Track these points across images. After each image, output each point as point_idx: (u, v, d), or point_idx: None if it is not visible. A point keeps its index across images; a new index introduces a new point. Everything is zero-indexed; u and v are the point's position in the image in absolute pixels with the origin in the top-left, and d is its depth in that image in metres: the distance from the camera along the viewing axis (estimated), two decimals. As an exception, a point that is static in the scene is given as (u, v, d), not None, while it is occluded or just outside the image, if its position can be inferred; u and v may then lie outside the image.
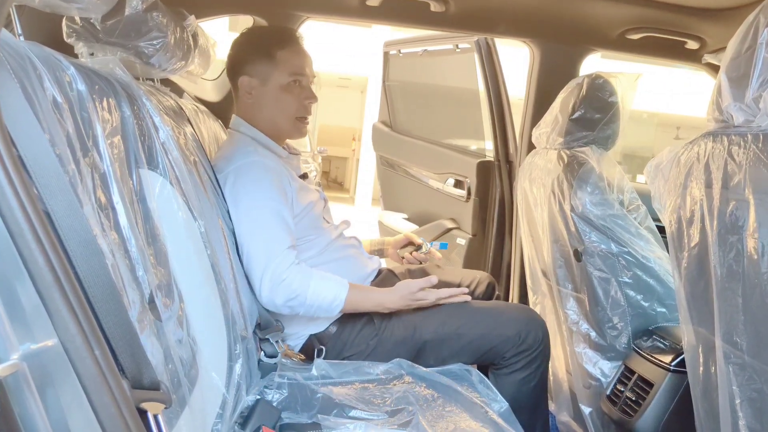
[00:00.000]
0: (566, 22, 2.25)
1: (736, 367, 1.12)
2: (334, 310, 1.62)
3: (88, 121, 0.92)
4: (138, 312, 0.91)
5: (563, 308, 2.06)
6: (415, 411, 1.39)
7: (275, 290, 1.56)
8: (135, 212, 1.00)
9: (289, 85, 1.72)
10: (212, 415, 1.16)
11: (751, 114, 1.08)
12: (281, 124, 1.76)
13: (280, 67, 1.71)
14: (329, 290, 1.59)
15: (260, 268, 1.56)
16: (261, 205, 1.60)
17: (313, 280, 1.58)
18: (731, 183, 1.11)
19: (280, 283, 1.55)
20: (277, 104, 1.73)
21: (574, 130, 2.00)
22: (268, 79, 1.72)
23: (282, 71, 1.71)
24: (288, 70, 1.71)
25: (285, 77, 1.72)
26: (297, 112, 1.75)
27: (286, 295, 1.56)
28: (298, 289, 1.56)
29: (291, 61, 1.72)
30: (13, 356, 0.60)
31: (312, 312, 1.60)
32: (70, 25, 1.20)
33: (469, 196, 2.92)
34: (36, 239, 0.61)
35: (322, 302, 1.59)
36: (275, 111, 1.74)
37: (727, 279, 1.13)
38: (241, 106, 1.79)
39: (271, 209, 1.60)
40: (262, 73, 1.73)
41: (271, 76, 1.72)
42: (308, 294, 1.57)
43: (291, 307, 1.58)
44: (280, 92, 1.72)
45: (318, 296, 1.58)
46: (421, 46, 3.31)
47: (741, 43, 1.12)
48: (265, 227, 1.59)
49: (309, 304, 1.58)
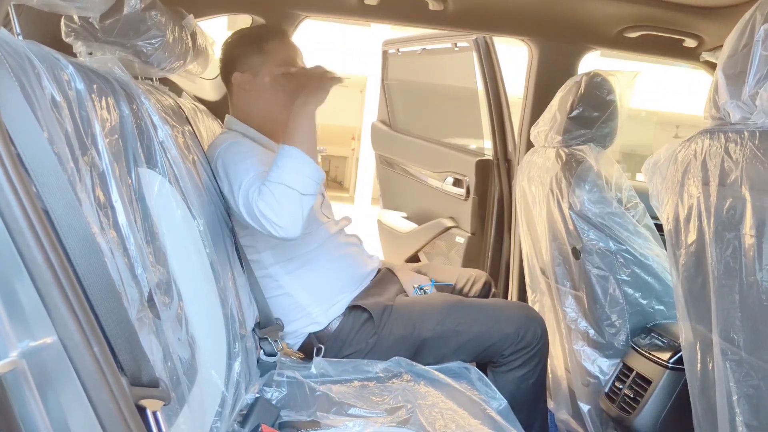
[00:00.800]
0: (564, 21, 2.26)
1: (733, 364, 1.13)
2: (307, 162, 1.46)
3: (86, 120, 0.92)
4: (137, 310, 0.91)
5: (562, 306, 2.06)
6: (413, 409, 1.39)
7: (265, 216, 1.42)
8: (134, 211, 1.01)
9: (280, 76, 1.72)
10: (211, 413, 1.16)
11: (747, 111, 1.09)
12: (271, 117, 1.75)
13: (270, 59, 1.72)
14: (284, 162, 1.45)
15: (251, 213, 1.45)
16: (241, 164, 1.54)
17: (271, 174, 1.45)
18: (728, 180, 1.11)
19: (261, 208, 1.42)
20: (271, 97, 1.73)
21: (573, 128, 2.01)
22: (260, 72, 1.73)
23: (271, 62, 1.72)
24: (278, 61, 1.72)
25: (275, 69, 1.72)
26: (289, 103, 1.69)
27: (271, 209, 1.42)
28: (271, 193, 1.42)
29: (280, 51, 1.73)
30: (12, 353, 0.60)
31: (304, 183, 1.44)
32: (69, 24, 1.21)
33: (468, 194, 2.92)
34: (35, 237, 0.62)
35: (293, 169, 1.44)
36: (269, 104, 1.74)
37: (724, 276, 1.14)
38: (235, 104, 1.79)
39: (250, 164, 1.53)
40: (253, 66, 1.74)
41: (262, 68, 1.73)
42: (281, 181, 1.43)
43: (288, 204, 1.43)
44: (272, 85, 1.72)
45: (285, 172, 1.44)
46: (419, 44, 3.31)
47: (738, 40, 1.12)
48: (246, 177, 1.49)
49: (290, 184, 1.43)
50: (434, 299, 1.80)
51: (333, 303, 1.74)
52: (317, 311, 1.72)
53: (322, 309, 1.73)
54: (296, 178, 1.43)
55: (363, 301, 1.74)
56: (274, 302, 1.69)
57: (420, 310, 1.73)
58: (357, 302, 1.74)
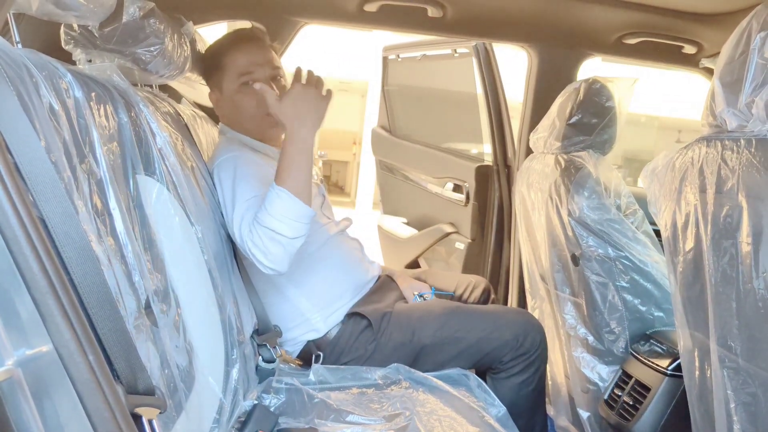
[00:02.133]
0: (564, 27, 2.26)
1: (731, 371, 1.13)
2: (297, 206, 1.42)
3: (84, 128, 0.93)
4: (134, 317, 0.92)
5: (561, 313, 2.06)
6: (412, 416, 1.39)
7: (253, 255, 1.43)
8: (132, 218, 1.01)
9: (241, 87, 1.69)
10: (209, 420, 1.16)
11: (744, 119, 1.09)
12: (253, 125, 1.73)
13: (228, 73, 1.70)
14: (273, 204, 1.41)
15: (242, 245, 1.45)
16: (239, 188, 1.52)
17: (259, 215, 1.42)
18: (725, 188, 1.11)
19: (250, 247, 1.43)
20: (238, 109, 1.71)
21: (572, 134, 2.01)
22: (222, 88, 1.72)
23: (230, 76, 1.70)
24: (235, 73, 1.69)
25: (234, 81, 1.69)
26: (259, 110, 1.67)
27: (259, 250, 1.42)
28: (258, 235, 1.41)
29: (235, 63, 1.69)
30: (8, 362, 0.60)
31: (292, 228, 1.42)
32: (68, 32, 1.21)
33: (468, 200, 2.93)
34: (31, 245, 0.62)
35: (281, 215, 1.41)
36: (239, 116, 1.72)
37: (721, 283, 1.14)
38: (220, 118, 1.81)
39: (247, 188, 1.52)
40: (217, 84, 1.74)
41: (223, 83, 1.72)
42: (267, 226, 1.41)
43: (275, 249, 1.41)
44: (234, 96, 1.70)
45: (272, 217, 1.41)
46: (419, 50, 3.32)
47: (734, 48, 1.12)
48: (241, 204, 1.49)
49: (276, 229, 1.40)
50: (433, 306, 1.80)
51: (333, 310, 1.74)
52: (316, 318, 1.72)
53: (322, 316, 1.72)
54: (284, 224, 1.41)
55: (362, 308, 1.74)
56: (272, 309, 1.69)
57: (419, 317, 1.73)
58: (356, 309, 1.74)
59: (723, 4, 1.91)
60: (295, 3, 2.16)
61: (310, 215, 1.46)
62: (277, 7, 2.17)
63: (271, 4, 2.15)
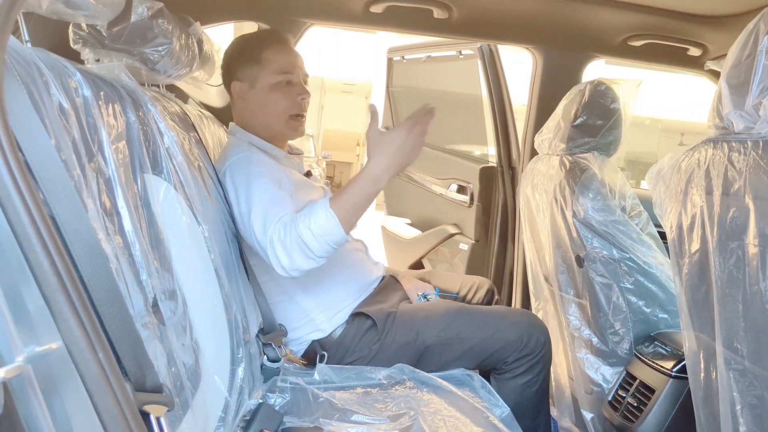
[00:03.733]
0: (569, 29, 2.26)
1: (737, 373, 1.12)
2: (338, 232, 1.42)
3: (93, 127, 0.93)
4: (142, 316, 0.92)
5: (565, 314, 2.06)
6: (416, 416, 1.39)
7: (276, 255, 1.43)
8: (139, 217, 1.01)
9: (277, 84, 1.72)
10: (215, 418, 1.17)
11: (751, 121, 1.09)
12: (275, 124, 1.75)
13: (267, 68, 1.72)
14: (317, 220, 1.41)
15: (263, 241, 1.45)
16: (255, 185, 1.54)
17: (300, 222, 1.42)
18: (731, 189, 1.11)
19: (275, 245, 1.43)
20: (268, 104, 1.73)
21: (576, 136, 2.01)
22: (257, 81, 1.73)
23: (269, 71, 1.72)
24: (275, 70, 1.72)
25: (272, 77, 1.72)
26: (289, 110, 1.74)
27: (285, 253, 1.42)
28: (290, 239, 1.41)
29: (277, 60, 1.72)
30: (18, 359, 0.60)
31: (324, 249, 1.42)
32: (77, 32, 1.22)
33: (472, 201, 2.93)
34: (41, 243, 0.62)
35: (319, 234, 1.41)
36: (267, 112, 1.74)
37: (727, 285, 1.14)
38: (237, 113, 1.80)
39: (266, 186, 1.54)
40: (250, 76, 1.74)
41: (259, 77, 1.72)
42: (302, 236, 1.41)
43: (300, 259, 1.42)
44: (269, 92, 1.72)
45: (311, 232, 1.41)
46: (424, 52, 3.32)
47: (741, 50, 1.12)
48: (262, 200, 1.50)
49: (309, 244, 1.41)
50: (437, 306, 1.80)
51: (337, 310, 1.74)
52: (321, 318, 1.73)
53: (326, 316, 1.73)
54: (319, 244, 1.41)
55: (366, 308, 1.74)
56: (277, 308, 1.70)
57: (423, 318, 1.73)
58: (360, 309, 1.74)
59: (728, 6, 1.91)
60: (302, 4, 2.16)
61: (345, 242, 1.46)
62: (284, 8, 2.17)
63: (277, 4, 2.15)
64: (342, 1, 2.10)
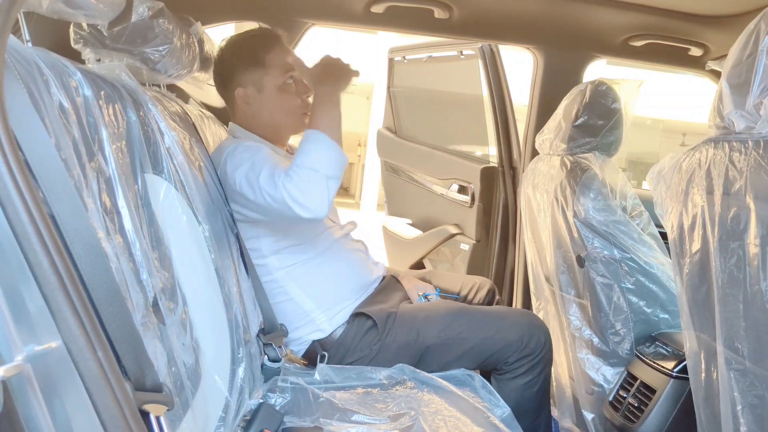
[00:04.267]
0: (570, 29, 2.26)
1: (738, 374, 1.12)
2: (331, 144, 1.49)
3: (94, 126, 0.93)
4: (142, 315, 0.92)
5: (566, 314, 2.06)
6: (417, 416, 1.39)
7: (293, 197, 1.44)
8: (140, 216, 1.01)
9: (285, 85, 1.72)
10: (215, 418, 1.17)
11: (752, 121, 1.09)
12: (286, 124, 1.76)
13: (272, 70, 1.71)
14: (309, 147, 1.48)
15: (277, 194, 1.46)
16: (258, 156, 1.55)
17: (297, 158, 1.47)
18: (732, 189, 1.11)
19: (289, 190, 1.44)
20: (279, 107, 1.73)
21: (577, 136, 2.01)
22: (264, 85, 1.72)
23: (275, 73, 1.71)
24: (281, 71, 1.71)
25: (279, 78, 1.71)
26: (301, 108, 1.75)
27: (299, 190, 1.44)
28: (298, 176, 1.45)
29: (281, 60, 1.72)
30: (18, 357, 0.60)
31: (330, 165, 1.47)
32: (78, 32, 1.22)
33: (473, 201, 2.93)
34: (41, 242, 0.62)
35: (319, 154, 1.47)
36: (278, 113, 1.74)
37: (728, 285, 1.14)
38: (239, 116, 1.78)
39: (268, 154, 1.57)
40: (255, 80, 1.72)
41: (265, 80, 1.72)
42: (307, 165, 1.45)
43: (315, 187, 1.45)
44: (278, 94, 1.72)
45: (311, 158, 1.46)
46: (425, 52, 3.32)
47: (742, 50, 1.12)
48: (267, 163, 1.52)
49: (315, 166, 1.45)
50: (438, 306, 1.80)
51: (338, 310, 1.74)
52: (322, 318, 1.73)
53: (327, 316, 1.73)
54: (321, 162, 1.47)
55: (367, 308, 1.74)
56: (278, 308, 1.70)
57: (424, 318, 1.73)
58: (361, 309, 1.74)
59: (729, 6, 1.90)
60: (303, 4, 2.17)
61: (345, 160, 1.53)
62: (285, 8, 2.18)
63: (278, 5, 2.15)
64: (343, 2, 2.10)
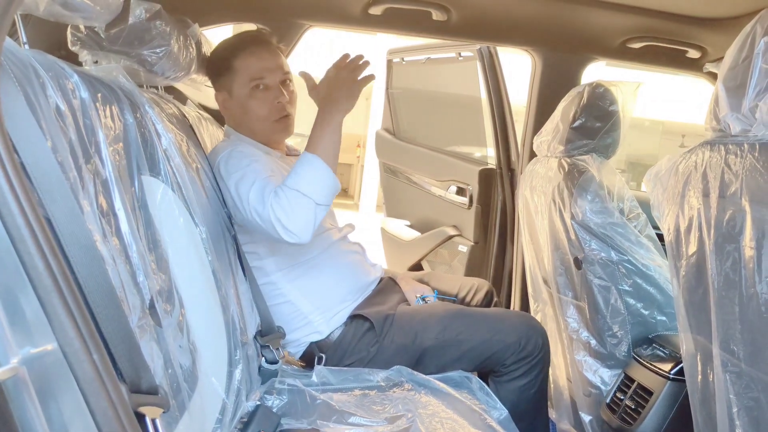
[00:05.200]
0: (568, 31, 2.26)
1: (734, 376, 1.12)
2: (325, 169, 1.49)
3: (90, 128, 0.93)
4: (138, 317, 0.92)
5: (563, 316, 2.06)
6: (414, 418, 1.39)
7: (278, 219, 1.44)
8: (136, 218, 1.01)
9: (252, 92, 1.69)
10: (212, 420, 1.17)
11: (747, 123, 1.09)
12: (259, 130, 1.74)
13: (239, 76, 1.69)
14: (303, 169, 1.47)
15: (264, 213, 1.45)
16: (250, 168, 1.54)
17: (290, 179, 1.46)
18: (728, 192, 1.11)
19: (276, 211, 1.44)
20: (247, 113, 1.72)
21: (575, 138, 2.01)
22: (232, 91, 1.72)
23: (241, 80, 1.69)
24: (247, 77, 1.69)
25: (246, 85, 1.69)
26: (269, 116, 1.71)
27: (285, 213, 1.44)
28: (286, 198, 1.44)
29: (247, 67, 1.69)
30: (13, 360, 0.60)
31: (321, 192, 1.46)
32: (75, 34, 1.22)
33: (471, 203, 2.93)
34: (36, 244, 0.62)
35: (311, 179, 1.46)
36: (248, 119, 1.73)
37: (724, 288, 1.14)
38: (226, 118, 1.81)
39: (260, 168, 1.56)
40: (226, 86, 1.73)
41: (233, 86, 1.71)
42: (297, 188, 1.45)
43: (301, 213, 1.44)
44: (247, 100, 1.70)
45: (303, 181, 1.45)
46: (423, 54, 3.32)
47: (738, 53, 1.13)
48: (258, 179, 1.51)
49: (305, 191, 1.44)
50: (436, 308, 1.80)
51: (335, 312, 1.74)
52: (319, 320, 1.73)
53: (324, 318, 1.73)
54: (313, 188, 1.46)
55: (365, 310, 1.74)
56: (275, 310, 1.70)
57: (421, 320, 1.73)
58: (359, 311, 1.74)
59: (727, 8, 1.91)
60: (301, 6, 2.17)
61: (337, 187, 1.51)
62: (283, 10, 2.18)
63: (276, 6, 2.15)
64: (341, 3, 2.10)
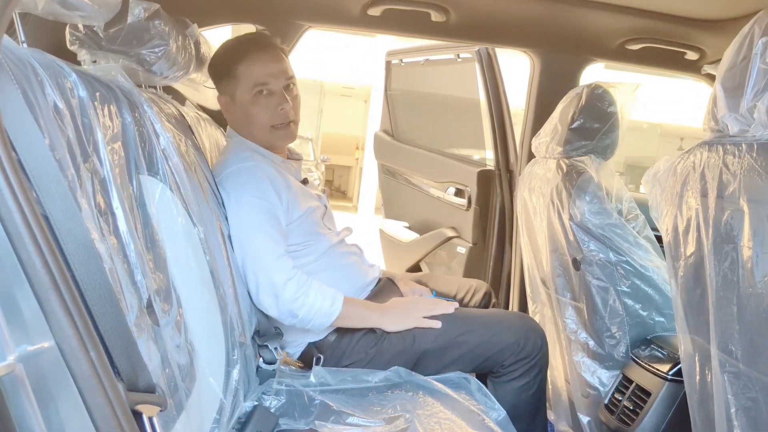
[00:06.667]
0: (566, 33, 2.27)
1: (732, 376, 1.13)
2: (326, 323, 1.63)
3: (88, 127, 0.93)
4: (136, 316, 0.92)
5: (562, 317, 2.06)
6: (412, 418, 1.39)
7: (273, 302, 1.58)
8: (134, 217, 1.01)
9: (255, 97, 1.69)
10: (209, 420, 1.17)
11: (745, 124, 1.09)
12: (259, 136, 1.74)
13: (242, 82, 1.69)
14: (325, 303, 1.61)
15: (254, 278, 1.58)
16: (255, 206, 1.60)
17: (312, 292, 1.59)
18: (726, 192, 1.11)
19: (279, 295, 1.57)
20: (249, 118, 1.72)
21: (573, 139, 2.02)
22: (235, 96, 1.72)
23: (244, 85, 1.69)
24: (250, 83, 1.69)
25: (248, 90, 1.69)
26: (270, 121, 1.71)
27: (283, 308, 1.58)
28: (295, 303, 1.58)
29: (251, 72, 1.69)
30: (10, 357, 0.61)
31: (307, 324, 1.61)
32: (74, 33, 1.22)
33: (470, 204, 2.93)
34: (34, 242, 0.62)
35: (317, 314, 1.60)
36: (249, 124, 1.73)
37: (722, 288, 1.14)
38: (228, 121, 1.82)
39: (265, 210, 1.61)
40: (229, 90, 1.73)
41: (236, 92, 1.71)
42: (306, 305, 1.58)
43: (288, 318, 1.60)
44: (249, 106, 1.70)
45: (313, 308, 1.59)
46: (422, 55, 3.33)
47: (736, 53, 1.13)
48: (258, 231, 1.59)
49: (304, 317, 1.59)
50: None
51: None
52: (318, 321, 1.73)
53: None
54: (313, 319, 1.61)
55: (363, 310, 1.74)
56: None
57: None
58: (358, 312, 1.74)
59: (725, 10, 1.91)
60: (300, 6, 2.17)
61: (326, 325, 1.64)
62: (282, 11, 2.18)
63: (275, 7, 2.16)
64: (340, 4, 2.10)
